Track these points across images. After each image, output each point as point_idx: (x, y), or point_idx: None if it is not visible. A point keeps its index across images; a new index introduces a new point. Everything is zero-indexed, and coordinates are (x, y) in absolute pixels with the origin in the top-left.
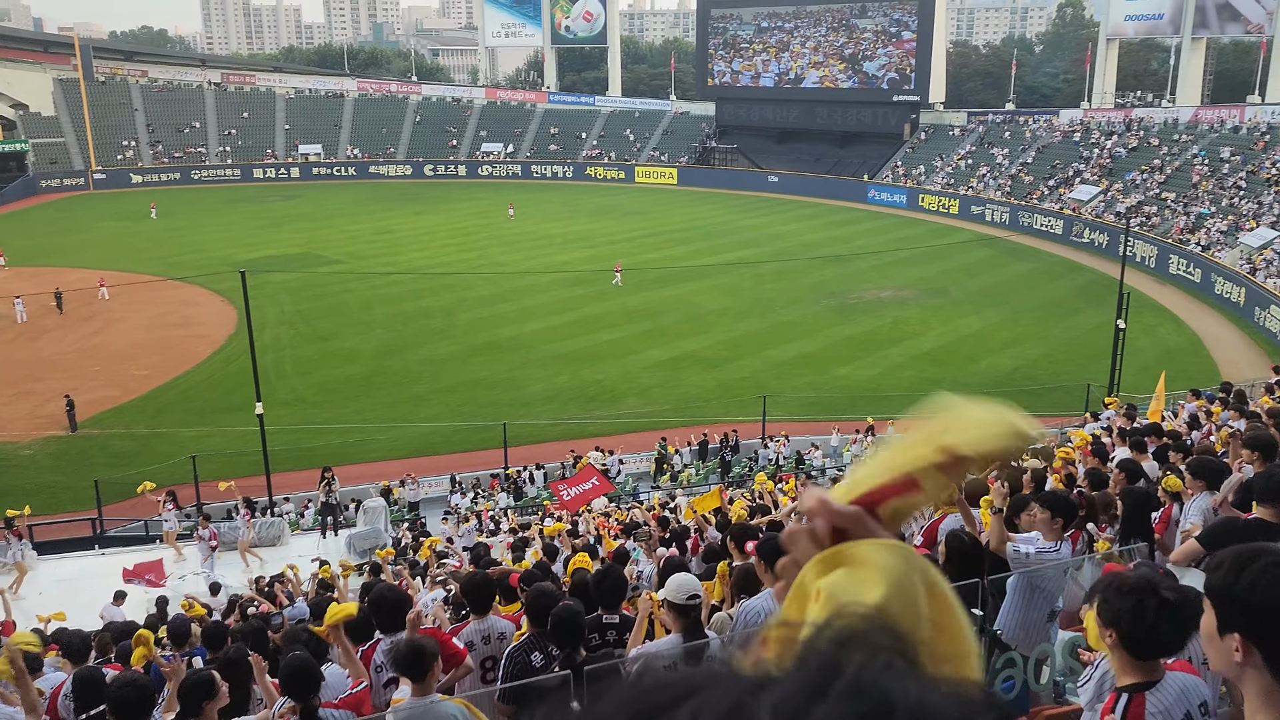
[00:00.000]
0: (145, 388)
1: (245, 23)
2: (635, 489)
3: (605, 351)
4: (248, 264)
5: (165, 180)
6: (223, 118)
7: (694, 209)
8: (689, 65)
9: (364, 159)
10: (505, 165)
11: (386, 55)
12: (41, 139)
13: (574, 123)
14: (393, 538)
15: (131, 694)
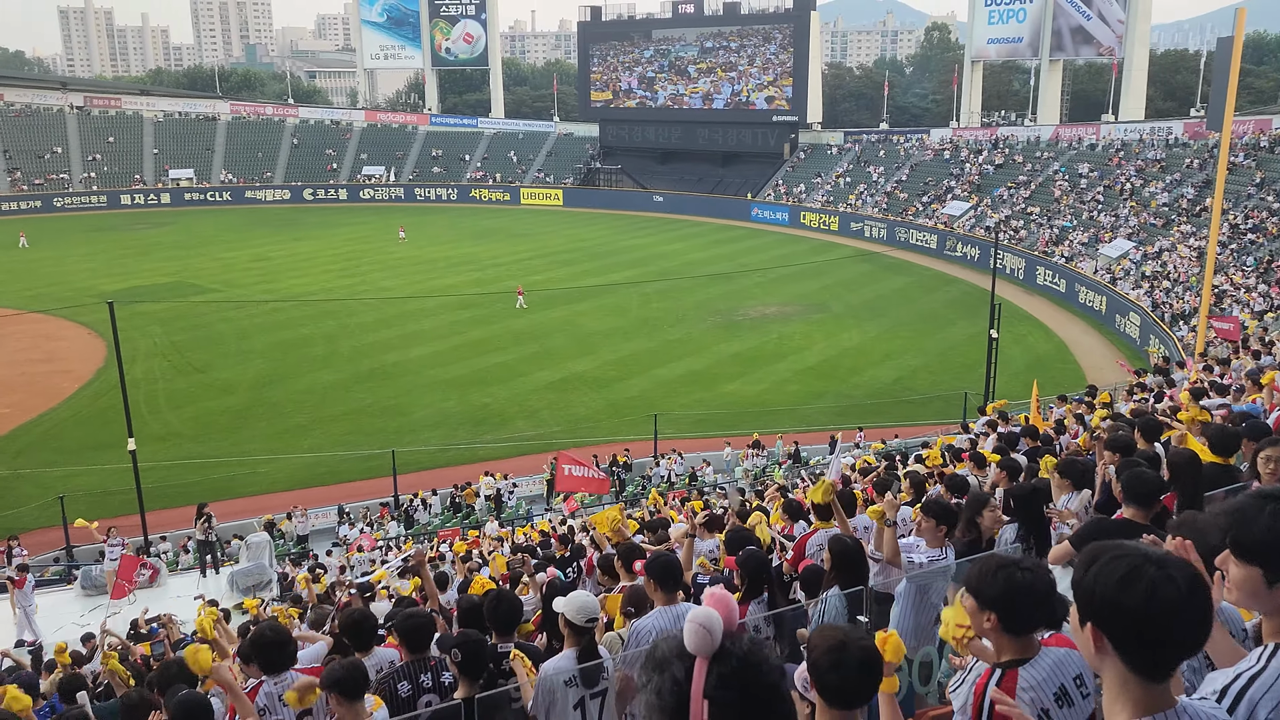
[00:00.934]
0: (6, 427)
1: (109, 44)
2: (529, 512)
3: (493, 375)
4: (115, 295)
5: (25, 209)
6: (86, 142)
7: (580, 230)
8: (571, 87)
9: (239, 184)
10: (388, 189)
11: (261, 77)
12: None
13: (457, 145)
14: (278, 573)
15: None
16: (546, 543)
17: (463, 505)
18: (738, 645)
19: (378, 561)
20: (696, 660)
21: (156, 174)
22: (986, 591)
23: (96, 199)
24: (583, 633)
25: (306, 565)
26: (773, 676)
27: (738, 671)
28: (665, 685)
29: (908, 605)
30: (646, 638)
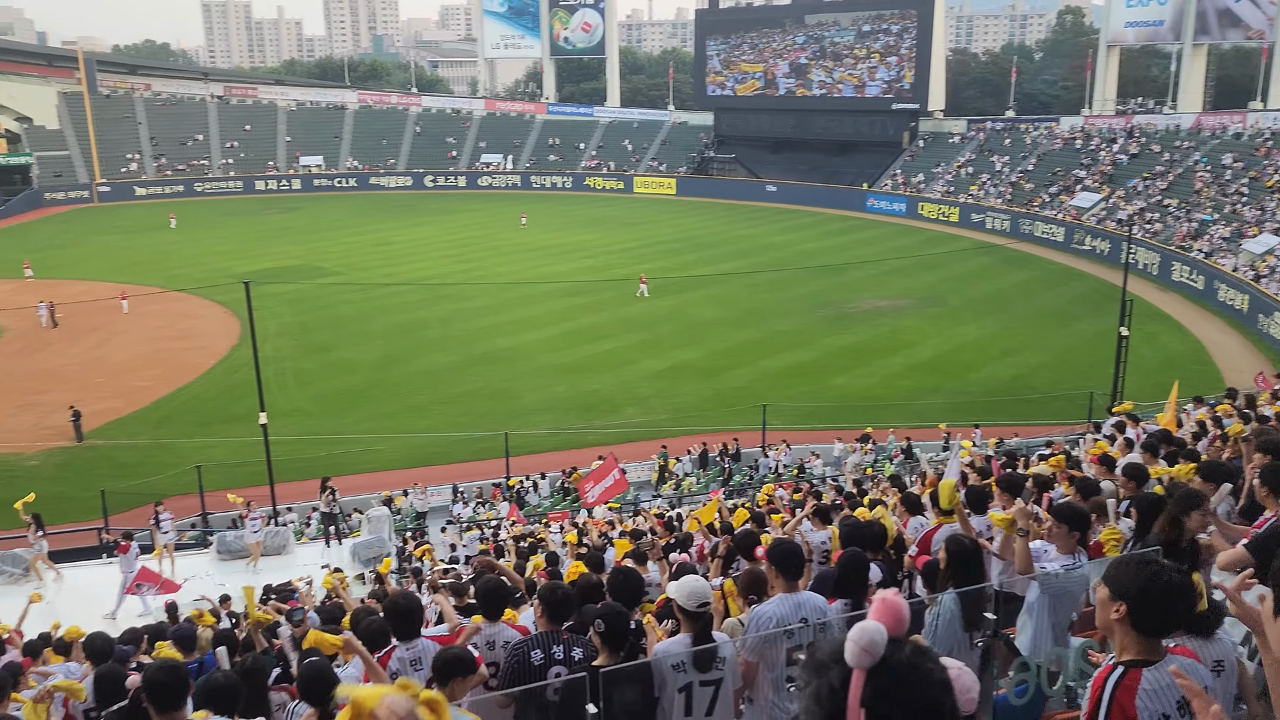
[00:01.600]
0: (148, 399)
1: (247, 36)
2: (637, 498)
3: (602, 362)
4: (248, 276)
5: (169, 193)
6: (225, 130)
7: (690, 219)
8: (687, 75)
9: (364, 170)
10: (505, 176)
11: (386, 67)
12: (46, 152)
13: (573, 133)
14: (396, 547)
15: (166, 678)
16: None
17: (571, 489)
18: (898, 655)
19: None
20: (854, 670)
21: (288, 161)
22: (1123, 582)
23: (233, 184)
24: (695, 618)
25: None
26: (934, 692)
27: (897, 685)
28: (823, 691)
29: (1039, 612)
30: (767, 624)
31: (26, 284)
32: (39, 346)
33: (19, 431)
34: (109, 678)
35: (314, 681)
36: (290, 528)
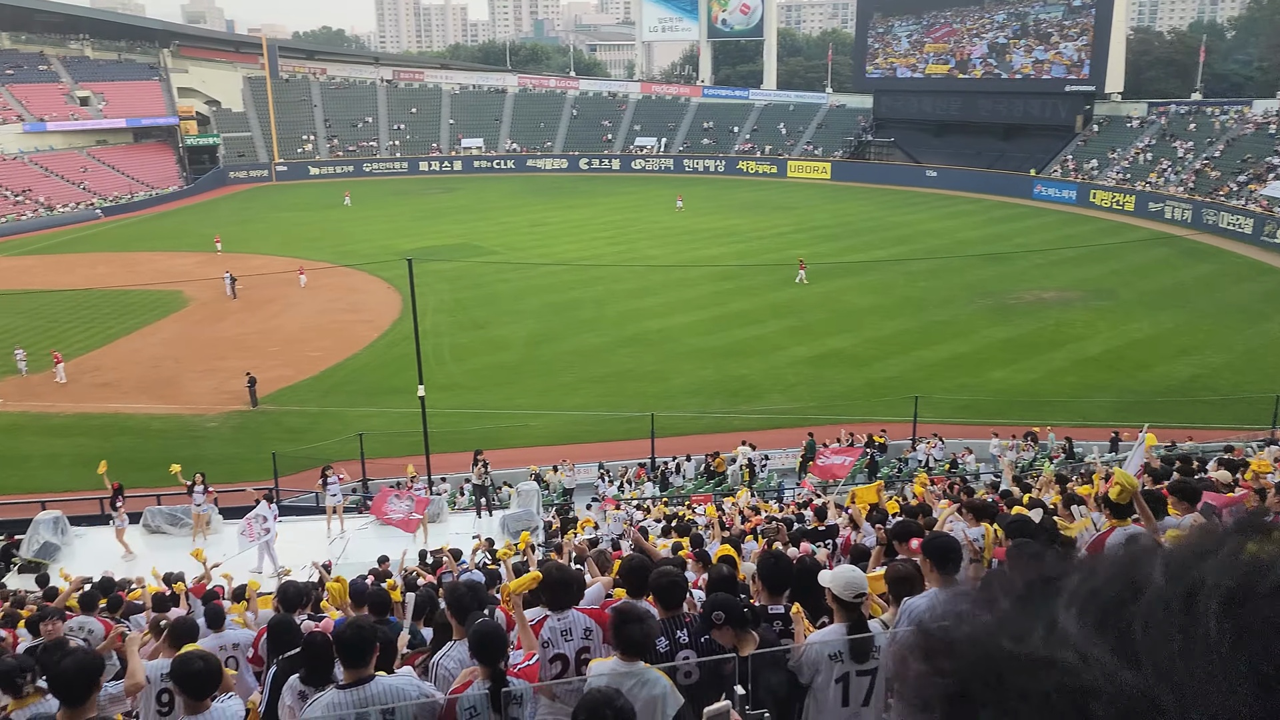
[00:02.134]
0: (317, 368)
1: (415, 22)
2: (780, 485)
3: (751, 347)
4: (410, 254)
5: (340, 173)
6: (393, 113)
7: (846, 204)
8: (847, 57)
9: (522, 152)
10: (658, 159)
11: (546, 51)
12: (231, 133)
13: (727, 116)
14: (544, 522)
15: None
16: (801, 517)
17: (714, 472)
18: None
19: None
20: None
21: (450, 143)
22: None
23: (399, 165)
24: (850, 608)
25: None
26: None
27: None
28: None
29: None
30: (920, 617)
31: (211, 257)
32: (220, 316)
33: (201, 395)
34: (283, 626)
35: (487, 641)
36: (444, 497)
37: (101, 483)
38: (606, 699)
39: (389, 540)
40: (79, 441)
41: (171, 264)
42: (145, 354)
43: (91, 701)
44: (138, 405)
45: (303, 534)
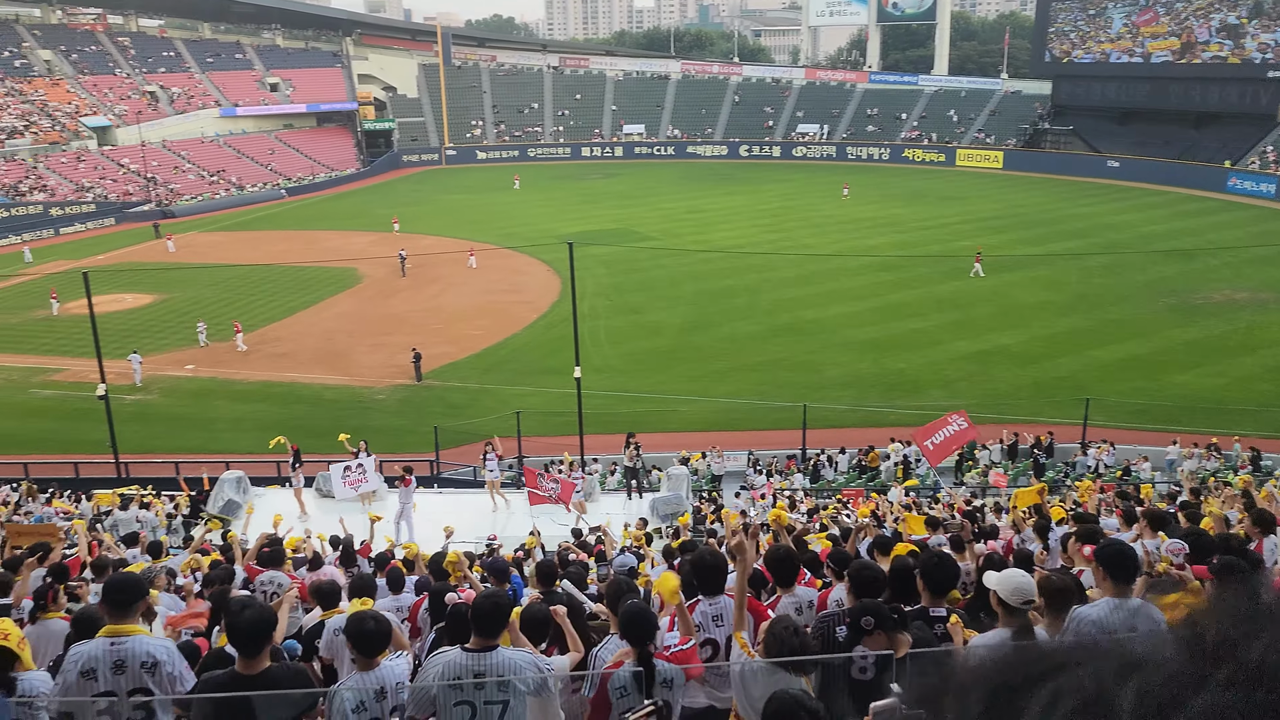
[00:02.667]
0: (478, 346)
1: (583, 9)
2: (936, 483)
3: (910, 340)
4: (570, 237)
5: (505, 158)
6: (558, 99)
7: (1017, 195)
8: (1025, 41)
9: (682, 139)
10: (820, 147)
11: (710, 37)
12: (406, 118)
13: (894, 103)
14: (692, 506)
15: (489, 606)
16: (951, 517)
17: (868, 467)
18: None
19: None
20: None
21: (613, 129)
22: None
23: (562, 150)
24: (1016, 613)
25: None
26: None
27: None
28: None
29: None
30: (1087, 627)
31: (384, 237)
32: (390, 293)
33: (371, 368)
34: (441, 595)
35: (636, 622)
36: (595, 477)
37: (277, 449)
38: (798, 702)
39: (547, 515)
40: (259, 408)
41: (347, 242)
42: (320, 327)
43: (266, 652)
44: (312, 375)
45: (463, 505)
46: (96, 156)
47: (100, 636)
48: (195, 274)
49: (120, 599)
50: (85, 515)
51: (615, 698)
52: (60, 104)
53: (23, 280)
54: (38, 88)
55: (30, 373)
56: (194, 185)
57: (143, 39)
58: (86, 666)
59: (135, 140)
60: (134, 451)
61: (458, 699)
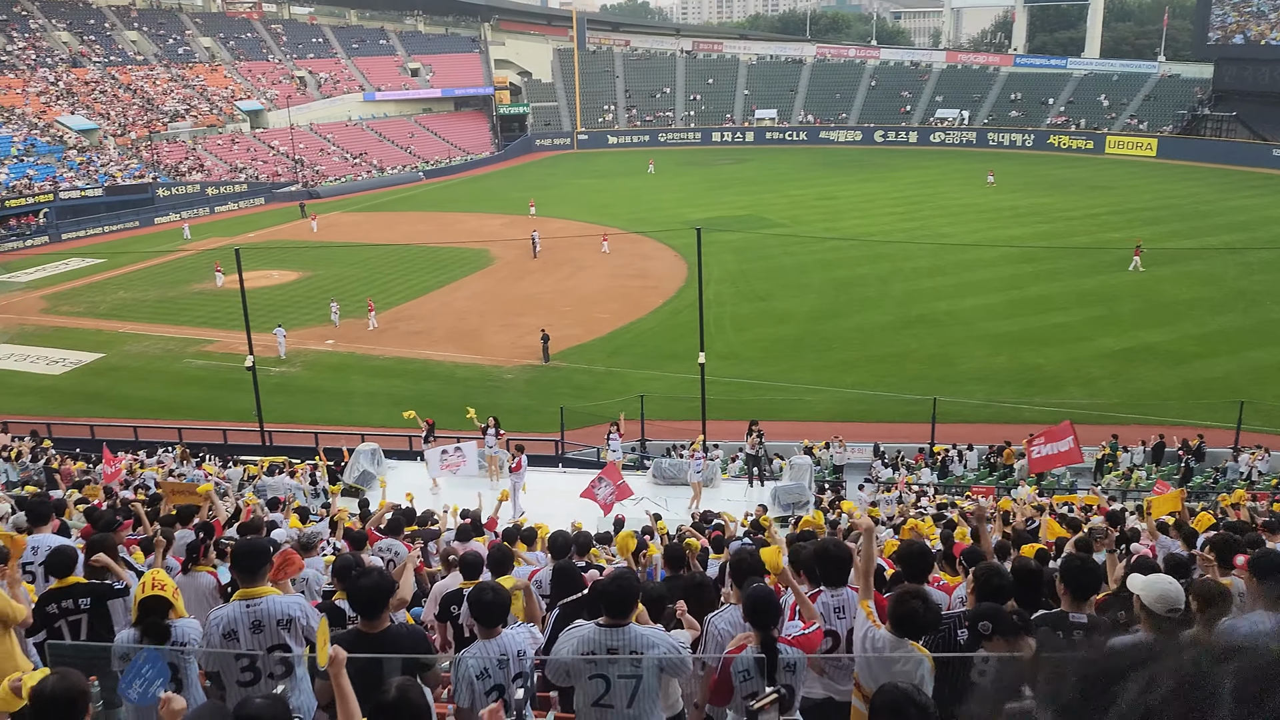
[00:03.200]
0: (604, 329)
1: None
2: (1073, 484)
3: (1050, 335)
4: (698, 223)
5: (636, 142)
6: (690, 83)
7: (1173, 185)
8: (1186, 21)
9: (815, 124)
10: (959, 132)
11: (847, 19)
12: (539, 103)
13: (1040, 87)
14: (814, 497)
15: (617, 588)
16: (1087, 518)
17: (999, 465)
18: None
19: (904, 504)
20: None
21: (744, 113)
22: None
23: (692, 135)
24: (1161, 622)
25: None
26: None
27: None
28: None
29: None
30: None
31: (516, 220)
32: (521, 275)
33: (500, 347)
34: (566, 571)
35: (760, 605)
36: (716, 463)
37: (409, 423)
38: (908, 696)
39: (669, 498)
40: (394, 383)
41: (481, 224)
42: (453, 307)
43: (385, 616)
44: (445, 353)
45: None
46: (249, 139)
47: (235, 600)
48: (337, 253)
49: (248, 564)
50: (233, 479)
51: (738, 680)
52: (218, 89)
53: (181, 255)
54: (198, 73)
55: (186, 343)
56: (338, 167)
57: (294, 26)
58: (227, 629)
59: (284, 124)
60: (277, 421)
61: (592, 672)
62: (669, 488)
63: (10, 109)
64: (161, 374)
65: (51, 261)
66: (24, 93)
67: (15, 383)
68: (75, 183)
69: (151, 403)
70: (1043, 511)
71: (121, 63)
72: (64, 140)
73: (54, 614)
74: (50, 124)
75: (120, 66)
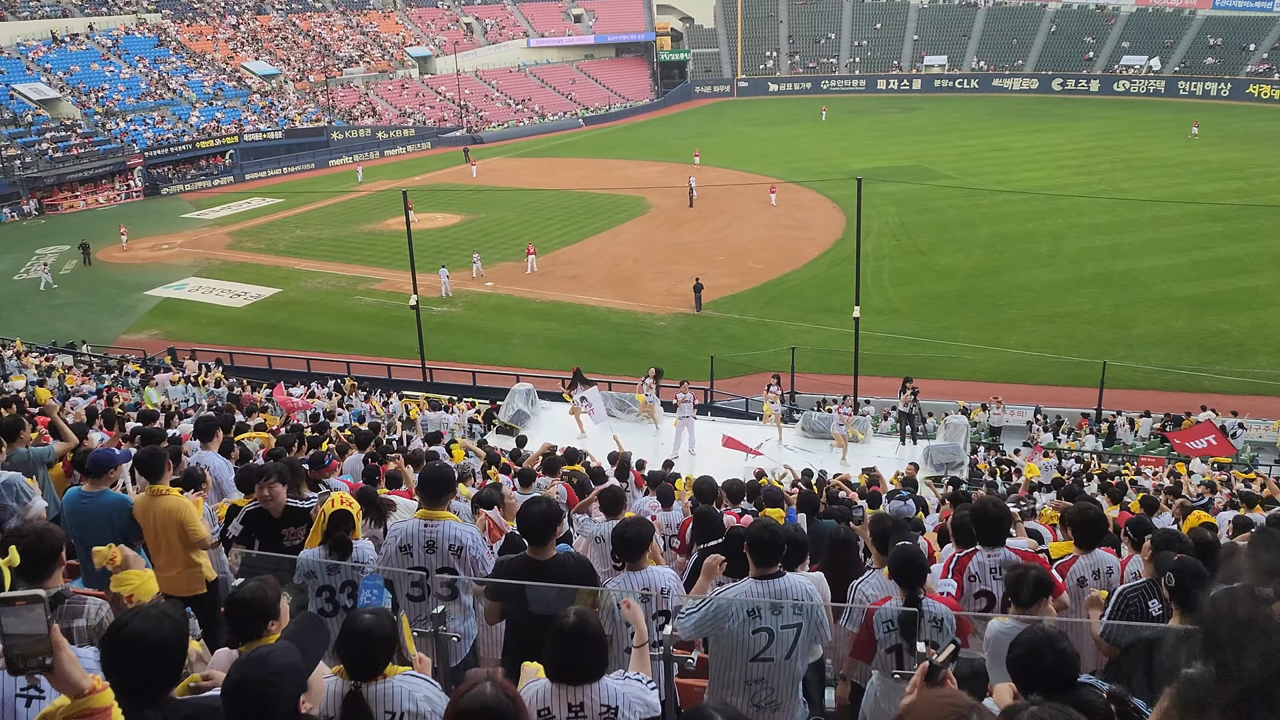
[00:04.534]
0: (758, 280)
1: None
2: (1254, 459)
3: (1238, 299)
4: (860, 173)
5: (797, 89)
6: (856, 29)
7: None
8: None
9: (988, 71)
10: (1145, 81)
11: None
12: (700, 49)
13: (1242, 32)
14: (969, 459)
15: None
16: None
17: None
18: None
19: (1064, 473)
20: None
21: (912, 60)
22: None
23: (856, 83)
24: None
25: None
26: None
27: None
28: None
29: None
30: None
31: (673, 167)
32: (677, 224)
33: (654, 295)
34: (707, 517)
35: (908, 565)
36: (868, 418)
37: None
38: (1050, 639)
39: (813, 454)
40: (551, 325)
41: (639, 172)
42: (610, 253)
43: (552, 543)
44: (599, 299)
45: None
46: (418, 84)
47: (416, 517)
48: (498, 197)
49: (433, 491)
50: (396, 413)
51: (881, 633)
52: (389, 35)
53: (354, 197)
54: (372, 20)
55: (356, 281)
56: (501, 113)
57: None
58: (404, 542)
59: (451, 69)
60: (439, 359)
61: (756, 626)
62: (819, 440)
63: (201, 54)
64: (333, 310)
65: (235, 200)
66: (214, 39)
67: (203, 313)
68: (258, 125)
69: (323, 336)
70: (1214, 490)
71: (302, 10)
72: (248, 85)
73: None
74: (236, 69)
75: (300, 14)
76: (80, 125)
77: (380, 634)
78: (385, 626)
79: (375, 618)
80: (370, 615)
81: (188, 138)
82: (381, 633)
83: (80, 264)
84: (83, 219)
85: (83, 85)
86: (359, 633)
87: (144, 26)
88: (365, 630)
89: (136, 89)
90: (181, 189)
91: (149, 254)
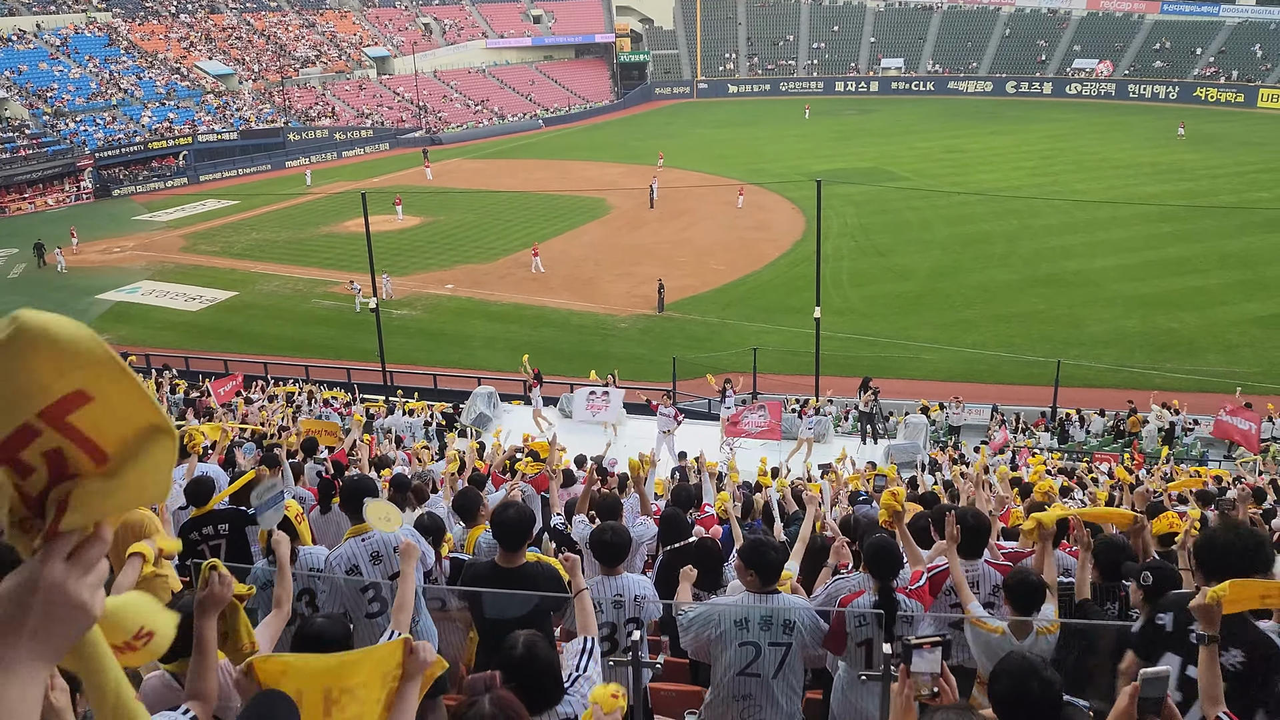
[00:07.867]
0: (720, 281)
1: None
2: (1204, 455)
3: (1186, 299)
4: (819, 175)
5: (756, 91)
6: (814, 31)
7: None
8: None
9: (944, 74)
10: (1097, 84)
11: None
12: (660, 50)
13: (1189, 36)
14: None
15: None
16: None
17: (1126, 432)
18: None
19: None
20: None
21: (869, 63)
22: None
23: (814, 85)
24: None
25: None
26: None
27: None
28: None
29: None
30: None
31: (633, 169)
32: (638, 225)
33: (615, 296)
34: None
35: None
36: (829, 419)
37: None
38: (1034, 669)
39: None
40: (511, 328)
41: (599, 173)
42: (570, 254)
43: (524, 549)
44: (560, 300)
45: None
46: (376, 85)
47: (348, 540)
48: (457, 199)
49: (354, 506)
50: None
51: (851, 626)
52: (347, 35)
53: (311, 199)
54: (328, 19)
55: (313, 284)
56: (460, 114)
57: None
58: (350, 564)
59: (409, 70)
60: (399, 362)
61: (743, 639)
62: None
63: (153, 54)
64: (291, 313)
65: (190, 202)
66: (166, 38)
67: (157, 317)
68: (212, 126)
69: (281, 340)
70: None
71: (256, 9)
72: (202, 85)
73: (196, 540)
74: (190, 69)
75: (255, 13)
76: (28, 126)
77: (332, 635)
78: (339, 630)
79: (328, 622)
80: (323, 620)
81: (139, 138)
82: (334, 633)
83: (34, 265)
84: (31, 221)
85: (30, 85)
86: (309, 636)
87: (94, 25)
88: (315, 634)
89: (86, 89)
90: (133, 190)
91: (100, 257)
